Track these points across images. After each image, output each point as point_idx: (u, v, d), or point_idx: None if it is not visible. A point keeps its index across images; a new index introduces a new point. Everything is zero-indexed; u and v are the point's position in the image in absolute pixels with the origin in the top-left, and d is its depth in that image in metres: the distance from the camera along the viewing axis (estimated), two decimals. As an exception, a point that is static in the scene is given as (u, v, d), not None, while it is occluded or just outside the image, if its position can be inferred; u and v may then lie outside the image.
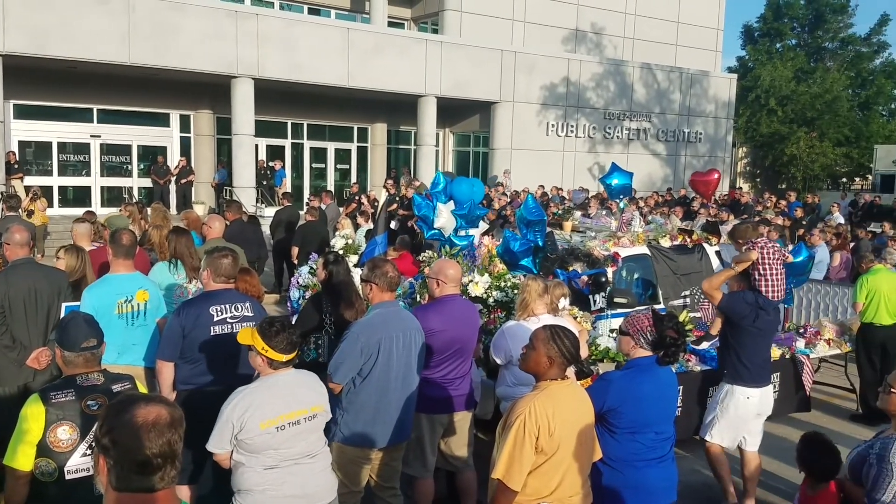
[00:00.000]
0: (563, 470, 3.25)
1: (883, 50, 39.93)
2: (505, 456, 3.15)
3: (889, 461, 3.20)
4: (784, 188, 30.82)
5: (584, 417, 3.35)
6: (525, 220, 6.69)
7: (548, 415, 3.16)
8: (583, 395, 3.45)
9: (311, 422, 3.47)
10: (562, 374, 3.29)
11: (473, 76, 23.64)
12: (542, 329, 3.33)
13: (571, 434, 3.25)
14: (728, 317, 5.32)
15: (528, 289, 5.06)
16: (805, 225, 14.27)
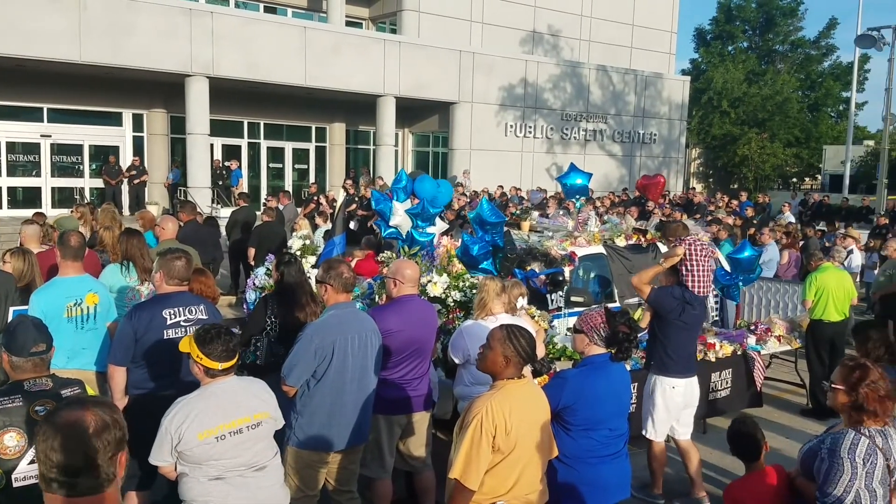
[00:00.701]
0: (520, 468, 3.27)
1: (831, 53, 41.11)
2: (462, 456, 3.15)
3: (840, 456, 3.25)
4: (736, 188, 31.51)
5: (541, 415, 3.38)
6: (481, 222, 6.67)
7: (504, 414, 3.17)
8: (539, 394, 3.48)
9: (255, 430, 3.36)
10: (518, 373, 3.31)
11: (432, 76, 23.66)
12: (499, 329, 3.35)
13: (528, 432, 3.27)
14: (656, 310, 5.48)
15: (486, 288, 5.09)
16: (756, 224, 14.61)
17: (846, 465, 3.23)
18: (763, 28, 40.80)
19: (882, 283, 9.84)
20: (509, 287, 5.36)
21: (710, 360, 6.84)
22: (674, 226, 6.31)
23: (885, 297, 9.50)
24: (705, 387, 6.82)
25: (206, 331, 3.36)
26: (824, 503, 3.28)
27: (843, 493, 3.23)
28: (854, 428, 3.32)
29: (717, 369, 6.92)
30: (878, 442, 3.27)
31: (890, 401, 3.35)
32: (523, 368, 3.37)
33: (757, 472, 3.84)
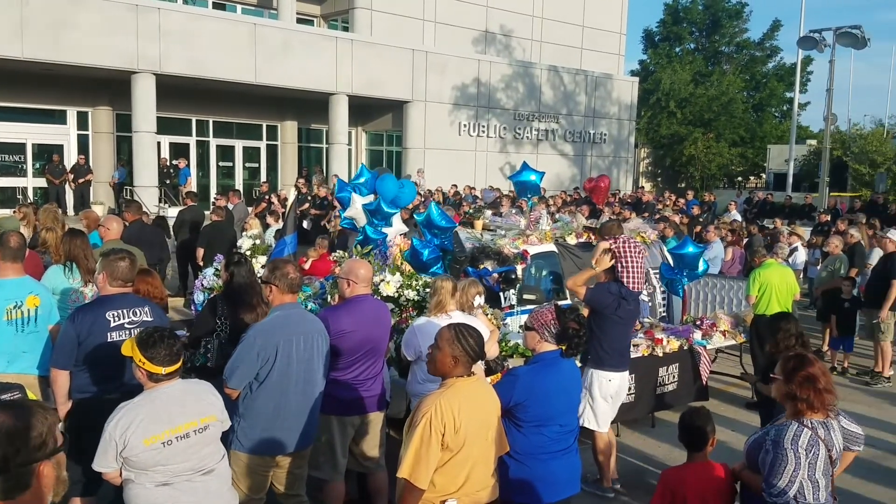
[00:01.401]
0: (470, 466, 3.27)
1: (775, 54, 42.20)
2: (411, 455, 3.15)
3: (783, 447, 3.31)
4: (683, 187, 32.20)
5: (491, 413, 3.39)
6: (430, 226, 6.62)
7: (454, 411, 3.17)
8: (489, 391, 3.49)
9: (202, 434, 3.31)
10: (468, 371, 3.32)
11: (385, 75, 23.58)
12: (447, 329, 3.35)
13: (478, 430, 3.28)
14: (593, 308, 5.61)
15: (444, 290, 5.07)
16: (702, 222, 14.96)
17: (790, 455, 3.29)
18: (709, 30, 41.69)
19: (824, 279, 10.19)
20: (466, 286, 5.37)
21: (657, 355, 6.98)
22: (609, 224, 6.52)
23: (827, 293, 9.84)
24: (653, 381, 6.96)
25: (149, 334, 3.29)
26: (770, 493, 3.34)
27: (787, 485, 3.29)
28: (797, 419, 3.39)
29: (665, 364, 7.06)
30: (820, 433, 3.36)
31: (829, 394, 3.43)
32: (473, 366, 3.37)
33: (698, 462, 3.89)
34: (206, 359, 4.81)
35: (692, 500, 3.72)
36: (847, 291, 9.34)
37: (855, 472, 6.16)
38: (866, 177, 30.09)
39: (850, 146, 31.58)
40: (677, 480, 3.82)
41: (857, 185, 30.86)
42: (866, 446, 6.71)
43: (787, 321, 5.12)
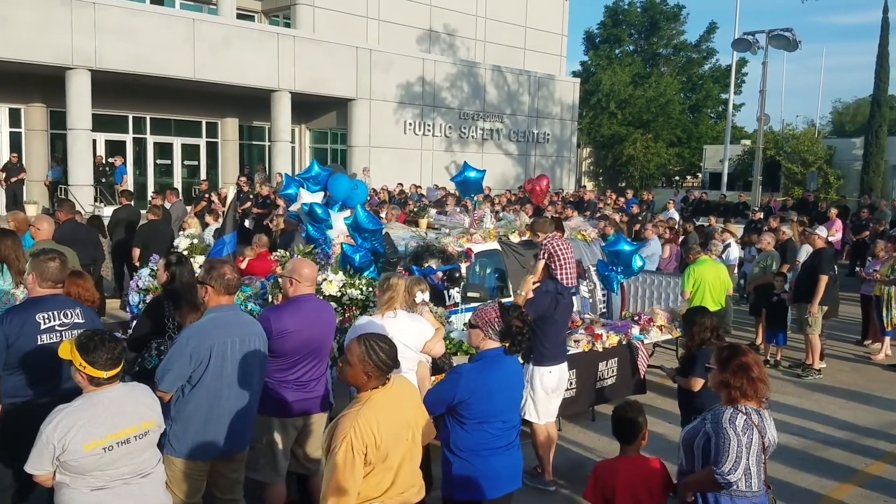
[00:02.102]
0: (395, 471, 3.25)
1: (711, 56, 43.38)
2: (335, 482, 3.05)
3: (723, 427, 3.44)
4: (623, 186, 32.82)
5: (410, 412, 3.35)
6: (358, 229, 6.55)
7: (373, 429, 3.11)
8: (406, 389, 3.43)
9: (142, 439, 3.29)
10: (382, 381, 3.24)
11: (329, 72, 23.39)
12: (357, 344, 3.24)
13: (399, 437, 3.24)
14: (537, 316, 5.67)
15: (398, 287, 5.05)
16: (641, 220, 15.30)
17: (730, 433, 3.41)
18: (648, 32, 42.61)
19: (756, 275, 10.55)
20: (409, 284, 5.38)
21: (597, 350, 7.12)
22: (541, 220, 6.68)
23: (759, 288, 10.20)
24: (593, 376, 7.10)
25: (89, 338, 3.21)
26: (720, 473, 3.41)
27: (735, 461, 3.39)
28: (732, 405, 3.53)
29: (604, 359, 7.21)
30: (753, 419, 3.49)
31: (762, 383, 3.56)
32: (387, 375, 3.29)
33: (629, 455, 3.97)
34: (158, 360, 4.70)
35: (621, 491, 3.80)
36: (778, 287, 9.69)
37: (787, 461, 6.43)
38: (798, 176, 31.21)
39: (783, 146, 32.71)
40: (608, 472, 3.89)
41: (789, 183, 31.99)
42: (798, 436, 7.07)
43: (701, 315, 5.30)
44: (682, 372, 5.24)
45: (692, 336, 5.20)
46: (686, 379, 5.12)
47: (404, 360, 4.81)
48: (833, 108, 59.67)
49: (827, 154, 32.60)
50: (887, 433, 7.26)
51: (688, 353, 5.32)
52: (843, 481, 6.14)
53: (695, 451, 3.58)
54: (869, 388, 8.79)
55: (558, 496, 5.76)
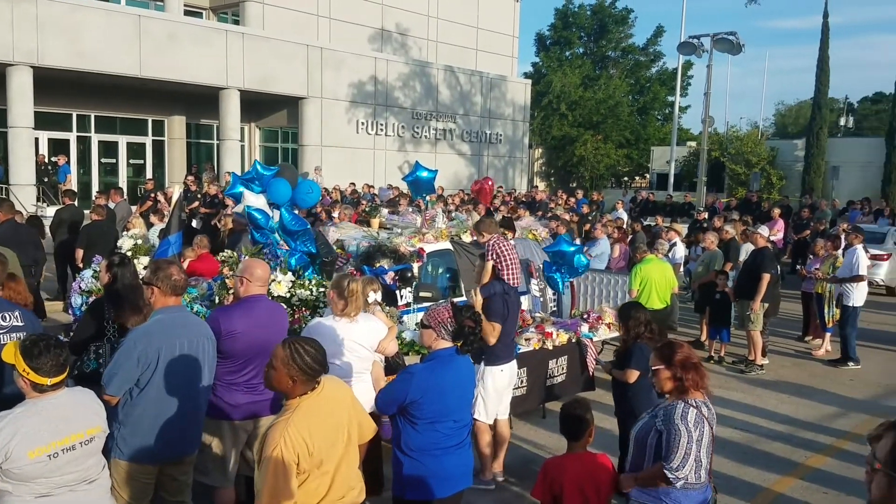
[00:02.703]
0: (331, 476, 3.20)
1: (658, 59, 44.26)
2: (267, 495, 2.98)
3: (675, 423, 3.51)
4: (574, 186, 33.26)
5: (344, 415, 3.27)
6: (286, 231, 6.42)
7: (304, 438, 3.04)
8: (338, 392, 3.32)
9: (87, 446, 3.22)
10: (310, 386, 3.16)
11: (279, 70, 23.13)
12: (281, 348, 3.12)
13: (333, 441, 3.18)
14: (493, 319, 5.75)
15: (355, 294, 4.99)
16: (591, 220, 15.52)
17: (682, 429, 3.49)
18: (597, 35, 43.24)
19: (700, 274, 10.80)
20: (362, 284, 5.34)
21: (547, 348, 7.20)
22: (486, 221, 6.75)
23: (703, 286, 10.44)
24: (543, 374, 7.17)
25: (34, 343, 3.12)
26: (669, 469, 3.48)
27: (683, 456, 3.47)
28: (682, 399, 3.61)
29: (554, 357, 7.28)
30: (703, 411, 3.59)
31: (706, 374, 3.70)
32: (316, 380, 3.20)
33: (577, 452, 4.01)
34: (96, 364, 4.58)
35: (569, 488, 3.83)
36: (721, 284, 9.93)
37: (730, 455, 6.60)
38: (742, 176, 32.06)
39: (727, 147, 33.56)
40: (556, 469, 3.92)
41: (733, 184, 32.84)
42: (741, 430, 7.26)
43: (636, 309, 5.45)
44: (618, 365, 5.38)
45: (627, 330, 5.35)
46: (622, 371, 5.26)
47: (359, 360, 4.79)
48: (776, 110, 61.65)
49: (770, 155, 33.59)
50: (827, 427, 7.50)
51: (623, 347, 5.46)
52: (784, 474, 6.32)
53: (647, 448, 3.64)
54: (810, 383, 9.08)
55: (509, 493, 5.81)
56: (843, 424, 7.51)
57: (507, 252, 6.29)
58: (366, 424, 3.47)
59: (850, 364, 9.71)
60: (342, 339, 4.69)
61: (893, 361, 10.15)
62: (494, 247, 6.32)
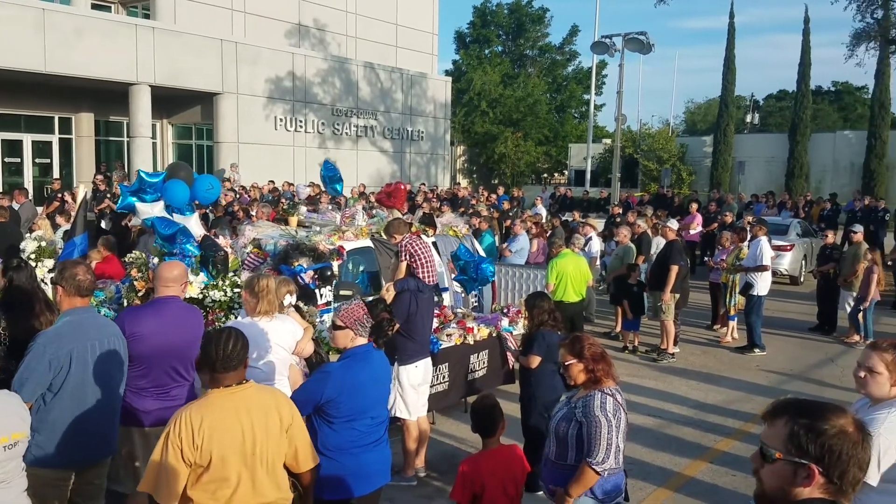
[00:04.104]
0: (235, 481, 3.09)
1: (574, 58, 45.30)
2: (150, 469, 3.00)
3: (594, 414, 3.62)
4: (496, 183, 33.68)
5: (259, 428, 3.16)
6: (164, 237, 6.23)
7: (192, 425, 3.02)
8: (262, 400, 3.23)
9: (11, 450, 3.13)
10: (224, 382, 3.14)
11: (192, 65, 22.47)
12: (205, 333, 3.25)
13: (235, 446, 3.10)
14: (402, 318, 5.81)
15: (269, 291, 4.90)
16: (511, 216, 15.78)
17: (602, 420, 3.60)
18: (515, 33, 43.89)
19: (615, 267, 11.14)
20: (278, 284, 5.27)
21: (469, 343, 7.28)
22: (396, 222, 6.80)
23: (618, 279, 10.77)
24: (465, 368, 7.25)
25: None
26: (596, 463, 3.58)
27: (606, 447, 3.57)
28: (598, 389, 3.72)
29: (476, 351, 7.37)
30: (618, 399, 3.73)
31: (609, 358, 3.83)
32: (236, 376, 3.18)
33: (492, 448, 4.07)
34: None
35: (491, 486, 3.87)
36: (633, 277, 10.27)
37: (643, 441, 6.84)
38: (654, 172, 33.18)
39: (640, 144, 34.67)
40: (474, 470, 3.93)
41: (646, 180, 33.94)
42: (654, 417, 7.54)
43: (541, 299, 5.70)
44: (522, 351, 5.55)
45: (532, 318, 5.56)
46: (526, 357, 5.42)
47: (279, 362, 4.72)
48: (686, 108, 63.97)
49: (680, 151, 34.92)
50: (734, 411, 7.86)
51: (528, 334, 5.65)
52: (695, 458, 6.59)
53: (568, 441, 3.72)
54: (718, 369, 9.50)
55: (430, 488, 5.86)
56: (750, 408, 7.88)
57: (420, 251, 6.34)
58: (303, 453, 3.34)
59: (756, 351, 10.20)
60: (261, 340, 4.62)
61: (797, 347, 10.72)
62: (407, 246, 6.37)
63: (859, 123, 42.51)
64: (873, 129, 31.24)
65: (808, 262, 16.04)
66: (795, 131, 32.97)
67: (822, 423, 1.94)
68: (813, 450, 1.92)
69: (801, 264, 16.04)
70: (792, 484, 1.95)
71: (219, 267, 6.14)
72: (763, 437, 2.04)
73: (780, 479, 1.97)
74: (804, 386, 8.73)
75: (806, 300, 13.42)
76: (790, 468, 1.95)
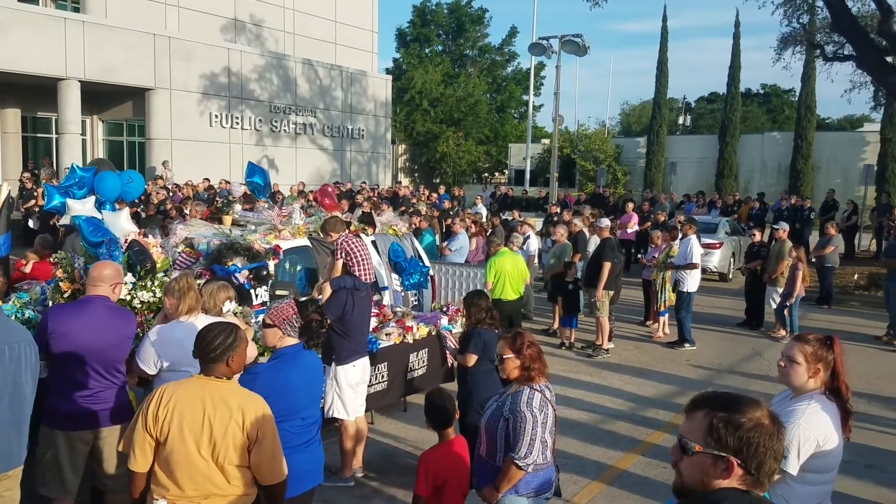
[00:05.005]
0: (185, 469, 3.11)
1: (513, 59, 45.81)
2: (128, 434, 3.25)
3: (521, 410, 3.67)
4: (438, 182, 33.79)
5: (217, 423, 3.14)
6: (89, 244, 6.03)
7: (162, 398, 3.18)
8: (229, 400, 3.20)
9: None
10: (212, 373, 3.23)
11: (123, 60, 21.83)
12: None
13: (183, 434, 3.12)
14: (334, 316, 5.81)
15: (193, 290, 4.78)
16: (452, 215, 15.84)
17: (528, 416, 3.65)
18: (455, 33, 44.10)
19: (552, 265, 11.31)
20: (215, 290, 5.13)
21: (408, 342, 7.29)
22: (332, 221, 6.76)
23: (555, 276, 10.94)
24: (404, 367, 7.25)
25: None
26: (519, 458, 3.63)
27: (529, 443, 3.63)
28: (528, 385, 3.79)
29: (415, 350, 7.37)
30: (546, 395, 3.80)
31: (544, 358, 3.91)
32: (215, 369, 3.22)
33: (448, 440, 4.11)
34: None
35: (452, 478, 3.90)
36: (570, 275, 10.46)
37: (578, 435, 6.97)
38: (591, 172, 33.81)
39: (578, 145, 35.28)
40: (439, 462, 3.94)
41: (583, 180, 34.57)
42: (588, 411, 7.69)
43: (479, 297, 5.77)
44: (460, 350, 5.61)
45: (469, 316, 5.61)
46: (463, 356, 5.49)
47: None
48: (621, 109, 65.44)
49: (615, 152, 35.71)
50: (666, 403, 8.08)
51: (465, 333, 5.71)
52: (628, 451, 6.74)
53: (497, 439, 3.77)
54: (650, 364, 9.75)
55: (368, 488, 5.84)
56: (680, 402, 8.07)
57: (357, 249, 6.31)
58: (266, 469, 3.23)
59: (687, 346, 10.51)
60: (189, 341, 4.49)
61: (726, 342, 11.09)
62: (343, 245, 6.33)
63: (787, 125, 44.33)
64: (800, 130, 32.51)
65: (737, 260, 16.58)
66: (725, 133, 34.07)
67: (739, 416, 1.99)
68: (731, 442, 1.96)
69: (729, 262, 16.58)
70: (711, 476, 1.98)
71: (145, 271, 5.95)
72: (682, 430, 2.08)
73: (699, 472, 2.00)
74: (732, 379, 9.04)
75: (734, 296, 13.86)
76: (709, 460, 1.97)
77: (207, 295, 4.96)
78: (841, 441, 3.19)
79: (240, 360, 3.30)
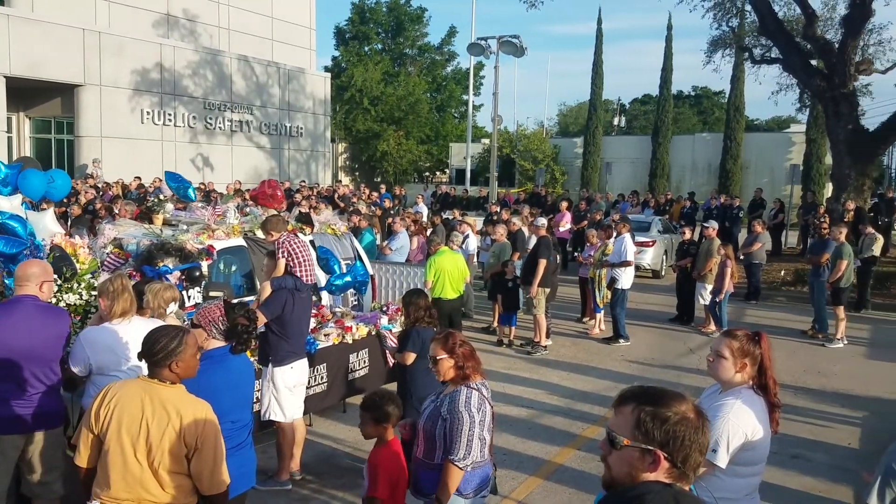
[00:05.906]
0: (117, 470, 3.07)
1: (453, 59, 45.93)
2: (79, 429, 3.24)
3: (459, 410, 3.68)
4: (379, 181, 33.65)
5: (157, 424, 3.09)
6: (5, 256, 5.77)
7: (105, 397, 3.17)
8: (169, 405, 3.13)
9: None
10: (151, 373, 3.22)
11: (51, 55, 21.06)
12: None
13: (132, 427, 3.07)
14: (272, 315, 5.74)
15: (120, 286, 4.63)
16: (393, 214, 15.81)
17: (465, 416, 3.66)
18: (394, 32, 43.97)
19: (491, 264, 11.40)
20: (160, 290, 5.00)
21: (348, 342, 7.23)
22: (273, 220, 6.68)
23: (495, 275, 11.03)
24: (344, 368, 7.18)
25: None
26: (458, 460, 3.64)
27: (467, 444, 3.64)
28: (464, 385, 3.80)
29: (355, 350, 7.31)
30: (484, 393, 3.83)
31: (477, 356, 3.93)
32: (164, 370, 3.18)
33: (392, 438, 4.07)
34: None
35: (401, 478, 3.87)
36: (509, 273, 10.56)
37: (516, 431, 7.05)
38: (530, 172, 34.20)
39: (517, 145, 35.65)
40: (393, 462, 3.89)
41: (523, 179, 34.94)
42: (526, 408, 7.78)
43: (417, 296, 5.80)
44: (399, 348, 5.63)
45: (408, 315, 5.64)
46: (401, 354, 5.51)
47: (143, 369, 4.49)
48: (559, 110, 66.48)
49: (553, 152, 36.22)
50: (601, 398, 8.21)
51: (404, 331, 5.73)
52: (564, 446, 6.85)
53: (435, 439, 3.76)
54: (587, 360, 9.93)
55: (305, 490, 5.78)
56: (615, 396, 8.26)
57: (298, 249, 6.24)
58: (206, 480, 3.15)
59: (621, 341, 10.75)
60: (120, 346, 4.38)
61: (658, 337, 11.38)
62: (285, 244, 6.25)
63: (717, 126, 45.71)
64: (729, 131, 33.58)
65: (669, 257, 17.02)
66: (658, 134, 34.94)
67: (665, 409, 2.03)
68: (658, 436, 1.99)
69: (661, 259, 17.03)
70: (639, 469, 2.01)
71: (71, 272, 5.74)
72: (610, 424, 2.11)
73: (627, 465, 2.02)
74: (665, 374, 9.27)
75: (666, 293, 14.21)
76: (637, 454, 2.01)
77: (151, 294, 4.85)
78: (768, 434, 3.27)
79: (185, 366, 3.23)
